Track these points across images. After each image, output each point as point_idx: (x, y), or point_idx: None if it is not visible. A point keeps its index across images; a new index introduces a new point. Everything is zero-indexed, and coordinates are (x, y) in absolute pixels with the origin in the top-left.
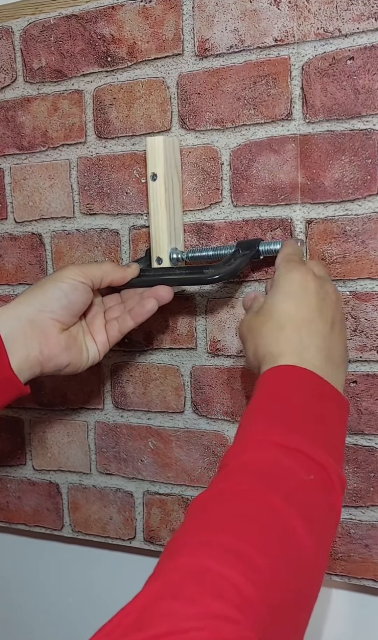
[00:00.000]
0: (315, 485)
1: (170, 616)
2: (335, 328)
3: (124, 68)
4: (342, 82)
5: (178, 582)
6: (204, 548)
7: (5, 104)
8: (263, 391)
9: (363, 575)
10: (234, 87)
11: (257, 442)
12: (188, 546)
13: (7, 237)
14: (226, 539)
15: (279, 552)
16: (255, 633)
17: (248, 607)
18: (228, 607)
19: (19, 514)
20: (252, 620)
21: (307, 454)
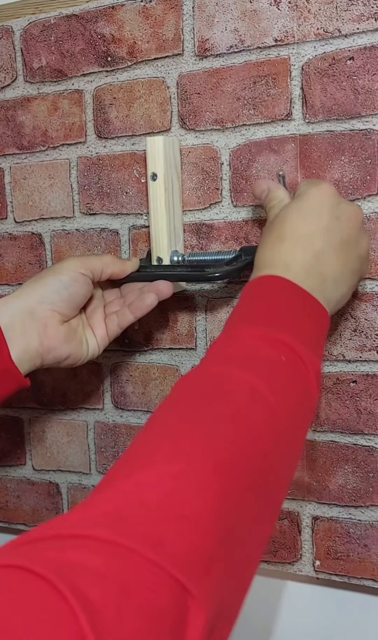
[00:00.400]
0: (287, 366)
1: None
2: (341, 249)
3: (124, 68)
4: (341, 82)
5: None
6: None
7: (5, 103)
8: (245, 297)
9: (362, 575)
10: (234, 87)
11: (237, 334)
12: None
13: (7, 237)
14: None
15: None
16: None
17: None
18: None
19: (18, 514)
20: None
21: (283, 342)
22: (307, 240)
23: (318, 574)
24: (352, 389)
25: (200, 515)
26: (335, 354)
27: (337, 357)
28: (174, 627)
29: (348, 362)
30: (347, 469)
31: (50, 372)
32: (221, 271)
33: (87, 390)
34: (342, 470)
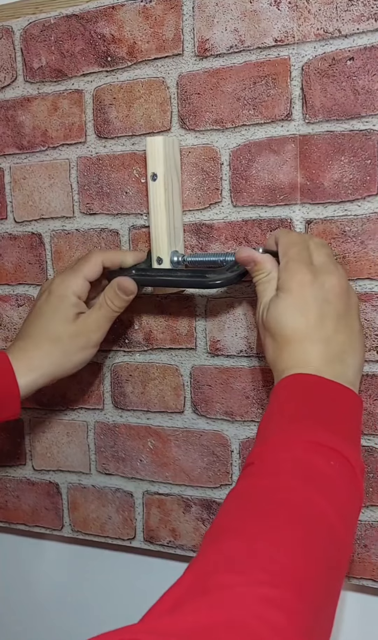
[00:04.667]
0: (336, 472)
1: (222, 585)
2: (340, 324)
3: (124, 68)
4: (341, 82)
5: (223, 559)
6: (247, 533)
7: (5, 103)
8: (274, 400)
9: (362, 575)
10: (234, 88)
11: (275, 441)
12: (227, 532)
13: (7, 237)
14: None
15: (314, 536)
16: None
17: (291, 581)
18: (273, 577)
19: (18, 514)
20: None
21: (325, 444)
22: (310, 333)
23: None
24: None
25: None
26: None
27: None
28: None
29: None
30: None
31: None
32: (222, 278)
33: (87, 390)
34: None
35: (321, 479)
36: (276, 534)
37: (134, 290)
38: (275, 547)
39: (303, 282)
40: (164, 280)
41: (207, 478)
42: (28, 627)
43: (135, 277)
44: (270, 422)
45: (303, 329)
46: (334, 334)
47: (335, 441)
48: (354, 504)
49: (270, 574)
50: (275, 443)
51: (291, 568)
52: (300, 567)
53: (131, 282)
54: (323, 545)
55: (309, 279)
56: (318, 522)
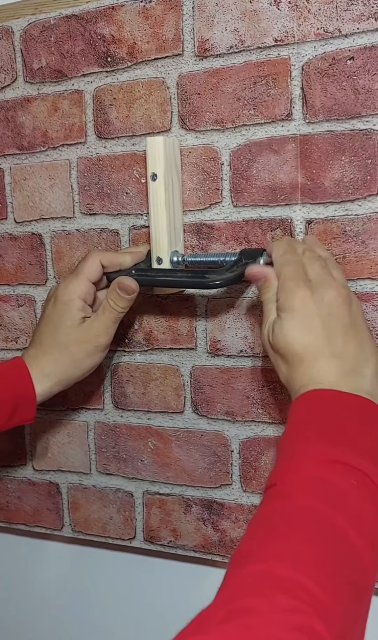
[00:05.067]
0: (359, 491)
1: (248, 609)
2: (348, 335)
3: (124, 68)
4: (342, 82)
5: (248, 584)
6: (271, 558)
7: (5, 104)
8: (293, 418)
9: None
10: (234, 88)
11: (297, 461)
12: (255, 555)
13: (7, 237)
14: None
15: (337, 561)
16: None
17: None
18: (299, 603)
19: (19, 514)
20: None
21: (345, 463)
22: (320, 348)
23: None
24: None
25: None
26: None
27: None
28: None
29: None
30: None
31: None
32: (222, 278)
33: (87, 391)
34: None
35: (342, 500)
36: (299, 557)
37: (135, 289)
38: (298, 571)
39: (303, 299)
40: (164, 280)
41: (208, 478)
42: (28, 627)
43: (135, 277)
44: (290, 441)
45: (314, 346)
46: (344, 346)
47: (357, 459)
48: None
49: (295, 599)
50: (296, 463)
51: (315, 592)
52: (324, 591)
53: (131, 281)
54: (346, 568)
55: (308, 295)
56: (340, 545)
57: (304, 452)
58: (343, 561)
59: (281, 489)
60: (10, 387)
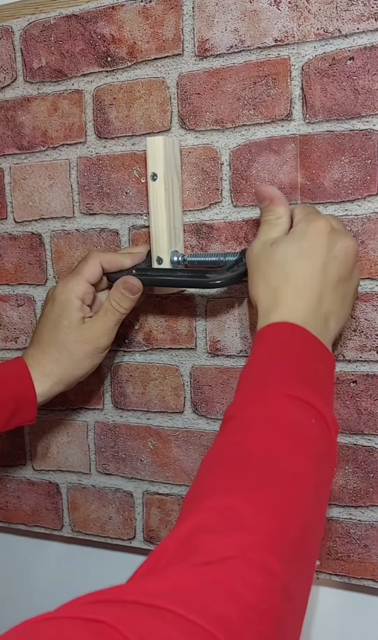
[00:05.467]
0: (316, 429)
1: (204, 548)
2: (338, 287)
3: (124, 68)
4: (341, 82)
5: (206, 519)
6: (225, 492)
7: (5, 103)
8: (258, 349)
9: (362, 575)
10: (234, 88)
11: (258, 394)
12: (210, 491)
13: (7, 237)
14: (243, 484)
15: (290, 490)
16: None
17: (268, 536)
18: (254, 537)
19: (18, 514)
20: (271, 546)
21: (305, 400)
22: (309, 282)
23: (318, 574)
24: (352, 389)
25: (264, 603)
26: (335, 354)
27: (337, 357)
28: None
29: (348, 362)
30: (347, 469)
31: None
32: (222, 278)
33: (87, 391)
34: (342, 471)
35: (300, 435)
36: (256, 491)
37: (140, 288)
38: (255, 506)
39: (319, 231)
40: (164, 280)
41: None
42: None
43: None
44: (253, 373)
45: (306, 276)
46: (332, 292)
47: (318, 401)
48: (330, 462)
49: (252, 534)
50: (256, 396)
51: (271, 527)
52: (281, 525)
53: (136, 280)
54: (302, 502)
55: (327, 230)
56: (298, 478)
57: (265, 386)
58: (300, 495)
59: (239, 422)
60: (11, 387)
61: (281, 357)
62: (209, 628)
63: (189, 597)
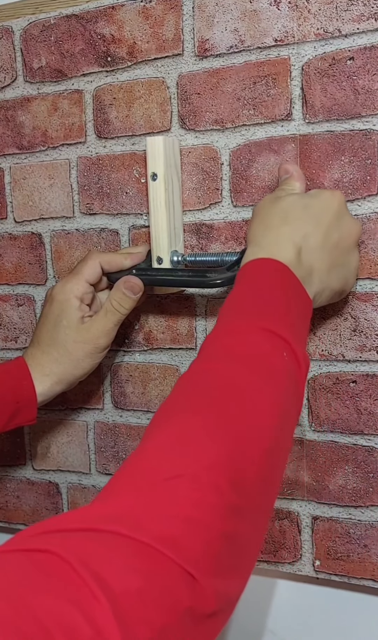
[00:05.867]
0: (286, 362)
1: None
2: (332, 252)
3: (124, 68)
4: (341, 82)
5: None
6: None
7: (5, 103)
8: (240, 283)
9: (362, 575)
10: (234, 87)
11: (234, 327)
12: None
13: (7, 237)
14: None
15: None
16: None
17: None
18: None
19: (18, 514)
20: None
21: (278, 334)
22: (307, 232)
23: (318, 574)
24: (352, 389)
25: (211, 519)
26: (335, 354)
27: (337, 357)
28: (188, 612)
29: (348, 362)
30: (347, 469)
31: None
32: (223, 277)
33: (87, 391)
34: (342, 471)
35: (268, 365)
36: (216, 415)
37: (141, 288)
38: (212, 429)
39: (335, 198)
40: (164, 280)
41: None
42: None
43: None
44: (232, 306)
45: (306, 226)
46: (324, 251)
47: (288, 334)
48: (297, 395)
49: (203, 455)
50: (231, 327)
51: (226, 449)
52: (237, 449)
53: (137, 280)
54: (264, 428)
55: (341, 201)
56: (260, 405)
57: (244, 318)
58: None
59: (212, 351)
60: (11, 387)
61: (261, 292)
62: (154, 544)
63: (134, 517)
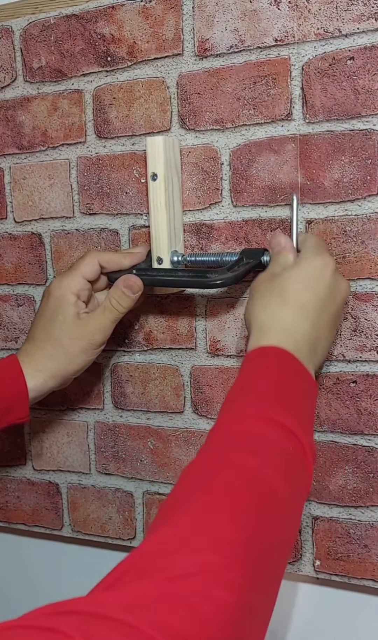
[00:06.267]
0: (291, 453)
1: (168, 565)
2: (330, 322)
3: (124, 68)
4: (342, 82)
5: (173, 536)
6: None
7: (5, 103)
8: (247, 372)
9: (362, 576)
10: (234, 87)
11: (240, 416)
12: (182, 505)
13: (7, 237)
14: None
15: (259, 509)
16: (240, 574)
17: (233, 552)
18: (216, 555)
19: (18, 514)
20: (237, 564)
21: (284, 425)
22: (306, 309)
23: (318, 574)
24: (352, 389)
25: (222, 617)
26: (335, 354)
27: (337, 357)
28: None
29: (348, 362)
30: (347, 469)
31: None
32: (223, 278)
33: (87, 391)
34: (342, 471)
35: (274, 456)
36: (225, 509)
37: (141, 287)
38: (223, 523)
39: (326, 266)
40: (164, 280)
41: None
42: None
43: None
44: (237, 396)
45: (305, 303)
46: (324, 323)
47: (294, 424)
48: (304, 485)
49: (217, 552)
50: (237, 417)
51: (235, 544)
52: (248, 543)
53: (137, 279)
54: (272, 520)
55: (333, 267)
56: (268, 498)
57: (249, 408)
58: (269, 511)
59: (216, 440)
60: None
61: (266, 382)
62: (159, 637)
63: (146, 609)
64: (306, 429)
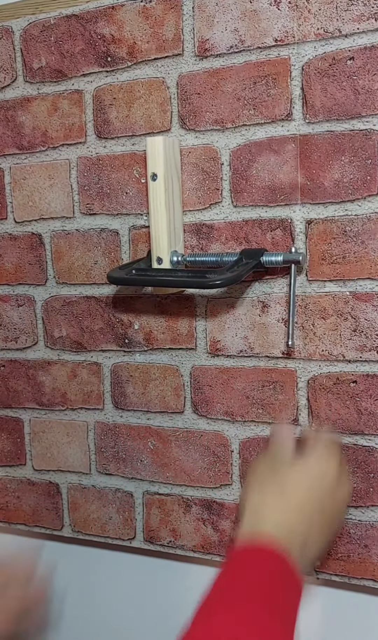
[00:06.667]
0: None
1: None
2: (327, 521)
3: (124, 68)
4: (342, 82)
5: None
6: None
7: (5, 103)
8: (234, 569)
9: (362, 575)
10: (234, 87)
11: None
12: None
13: (7, 237)
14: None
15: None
16: None
17: None
18: None
19: (18, 514)
20: None
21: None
22: (303, 505)
23: (318, 574)
24: (352, 389)
25: None
26: (335, 354)
27: (337, 357)
28: None
29: (348, 362)
30: (347, 469)
31: (50, 373)
32: (223, 278)
33: (87, 391)
34: None
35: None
36: None
37: None
38: None
39: (330, 466)
40: (164, 280)
41: (208, 478)
42: None
43: (135, 277)
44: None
45: (302, 499)
46: (318, 521)
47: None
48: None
49: None
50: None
51: None
52: None
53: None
54: None
55: (337, 472)
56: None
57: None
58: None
59: None
60: None
61: (251, 584)
62: None
63: None
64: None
